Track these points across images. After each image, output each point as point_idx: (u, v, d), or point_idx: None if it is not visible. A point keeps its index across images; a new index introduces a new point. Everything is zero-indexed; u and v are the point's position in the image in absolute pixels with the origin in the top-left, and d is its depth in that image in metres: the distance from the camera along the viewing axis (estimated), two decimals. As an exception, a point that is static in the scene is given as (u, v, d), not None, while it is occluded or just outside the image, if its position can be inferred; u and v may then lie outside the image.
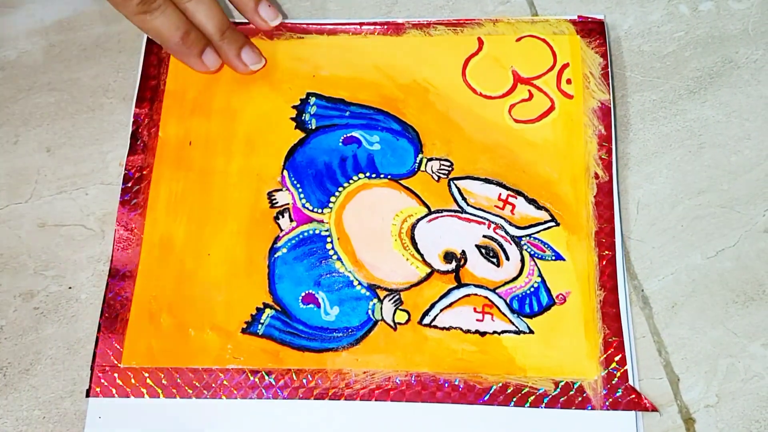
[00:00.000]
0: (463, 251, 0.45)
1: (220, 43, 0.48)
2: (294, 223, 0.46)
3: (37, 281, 0.46)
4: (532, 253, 0.45)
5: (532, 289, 0.44)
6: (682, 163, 0.48)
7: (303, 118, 0.49)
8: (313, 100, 0.49)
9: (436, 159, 0.48)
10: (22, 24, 0.53)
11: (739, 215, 0.46)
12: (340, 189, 0.47)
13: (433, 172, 0.47)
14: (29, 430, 0.43)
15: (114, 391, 0.43)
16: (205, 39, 0.48)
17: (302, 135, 0.48)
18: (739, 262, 0.45)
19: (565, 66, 0.49)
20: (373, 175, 0.47)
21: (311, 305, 0.44)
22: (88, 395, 0.43)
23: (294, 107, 0.49)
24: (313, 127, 0.49)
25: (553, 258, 0.45)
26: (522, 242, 0.45)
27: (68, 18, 0.53)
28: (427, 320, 0.44)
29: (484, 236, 0.46)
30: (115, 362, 0.43)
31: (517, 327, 0.44)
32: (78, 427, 0.43)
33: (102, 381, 0.43)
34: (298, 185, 0.47)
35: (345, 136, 0.48)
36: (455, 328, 0.44)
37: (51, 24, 0.50)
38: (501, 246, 0.45)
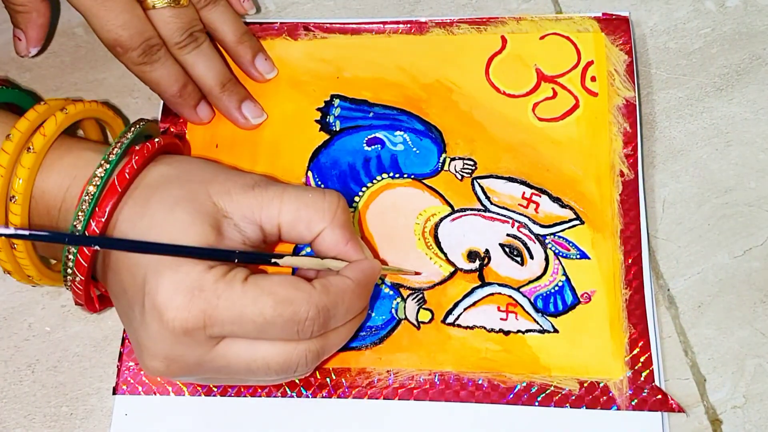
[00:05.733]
0: (487, 250, 0.45)
1: (220, 95, 0.48)
2: (317, 223, 0.46)
3: (64, 280, 0.47)
4: (557, 251, 0.45)
5: (556, 288, 0.44)
6: (709, 161, 0.47)
7: (327, 120, 0.49)
8: (337, 101, 0.49)
9: (460, 158, 0.48)
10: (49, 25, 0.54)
11: (767, 214, 0.46)
12: (364, 189, 0.47)
13: (456, 172, 0.47)
14: (56, 426, 0.43)
15: (140, 388, 0.43)
16: (201, 92, 0.48)
17: (326, 137, 0.49)
18: (767, 262, 0.45)
19: (590, 63, 0.49)
20: (397, 175, 0.47)
21: (335, 304, 0.44)
22: (114, 392, 0.43)
23: (318, 109, 0.49)
24: (338, 129, 0.49)
25: (578, 257, 0.45)
26: (546, 241, 0.45)
27: (95, 19, 0.53)
28: (450, 319, 0.44)
29: (508, 235, 0.45)
30: (141, 360, 0.44)
31: (541, 326, 0.43)
32: (104, 424, 0.43)
33: (128, 378, 0.43)
34: (322, 185, 0.47)
35: (369, 137, 0.48)
36: (479, 327, 0.44)
37: (77, 24, 0.51)
38: (525, 245, 0.45)
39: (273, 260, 0.39)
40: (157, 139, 0.41)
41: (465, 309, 0.44)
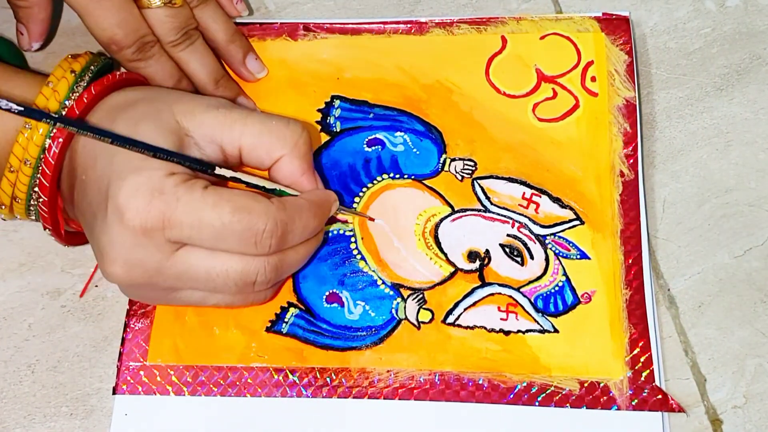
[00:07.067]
0: (487, 250, 0.45)
1: (215, 92, 0.48)
2: (318, 223, 0.46)
3: (64, 279, 0.47)
4: (557, 251, 0.45)
5: (556, 288, 0.44)
6: (709, 161, 0.47)
7: (328, 120, 0.49)
8: (337, 102, 0.50)
9: (460, 159, 0.48)
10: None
11: (767, 214, 0.46)
12: (364, 189, 0.47)
13: (456, 173, 0.47)
14: (56, 426, 0.43)
15: (140, 388, 0.43)
16: (195, 87, 0.49)
17: (327, 138, 0.49)
18: (767, 262, 0.45)
19: (590, 64, 0.49)
20: (397, 176, 0.47)
21: (335, 304, 0.45)
22: (114, 392, 0.43)
23: (319, 110, 0.49)
24: (338, 130, 0.49)
25: (578, 257, 0.45)
26: (546, 241, 0.45)
27: (95, 20, 0.54)
28: (450, 319, 0.44)
29: (508, 235, 0.45)
30: (141, 360, 0.44)
31: (541, 326, 0.43)
32: (104, 423, 0.43)
33: (128, 378, 0.43)
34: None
35: (369, 137, 0.48)
36: (479, 327, 0.44)
37: (77, 25, 0.51)
38: (525, 245, 0.45)
39: (223, 172, 0.39)
40: (119, 72, 0.43)
41: (465, 309, 0.44)
